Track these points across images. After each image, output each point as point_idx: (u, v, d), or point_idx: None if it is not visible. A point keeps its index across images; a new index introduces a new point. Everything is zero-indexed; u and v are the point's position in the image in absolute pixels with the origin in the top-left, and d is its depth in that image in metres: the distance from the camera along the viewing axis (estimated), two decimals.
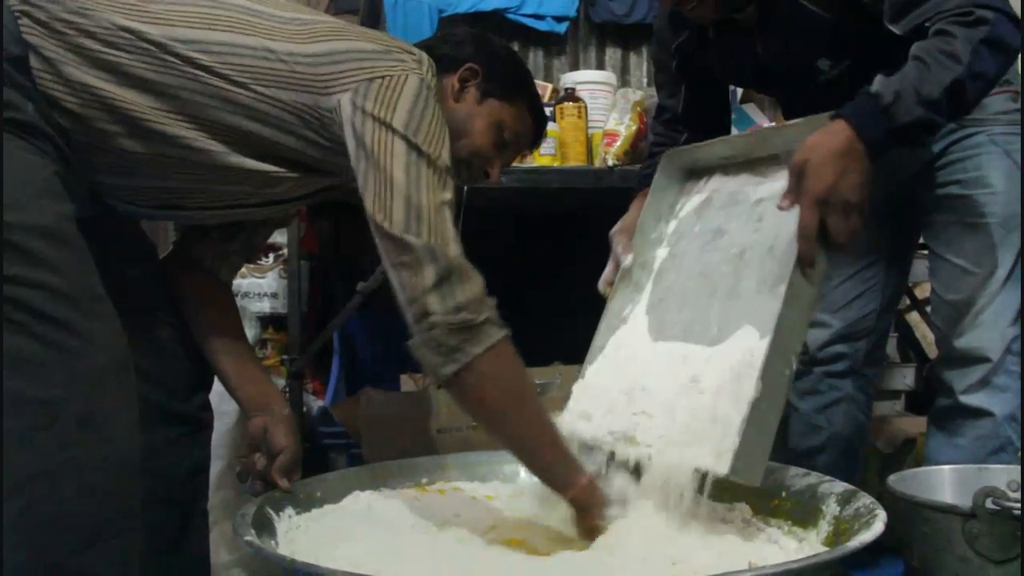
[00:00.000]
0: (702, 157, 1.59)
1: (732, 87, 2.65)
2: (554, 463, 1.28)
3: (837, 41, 1.56)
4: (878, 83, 1.31)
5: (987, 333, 1.65)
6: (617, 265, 1.60)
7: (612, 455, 1.35)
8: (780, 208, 1.30)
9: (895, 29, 1.41)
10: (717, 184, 1.57)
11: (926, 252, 1.79)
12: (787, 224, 1.33)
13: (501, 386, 1.23)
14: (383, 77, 1.25)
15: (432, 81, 1.31)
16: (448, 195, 1.24)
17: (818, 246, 1.27)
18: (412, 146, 1.22)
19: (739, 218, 1.47)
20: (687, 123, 1.80)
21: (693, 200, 1.60)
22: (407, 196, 1.20)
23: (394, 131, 1.22)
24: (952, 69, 1.30)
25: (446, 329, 1.18)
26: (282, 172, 1.32)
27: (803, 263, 1.26)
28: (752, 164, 1.51)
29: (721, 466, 1.18)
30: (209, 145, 1.27)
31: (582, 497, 1.27)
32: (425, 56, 1.34)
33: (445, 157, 1.25)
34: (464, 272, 1.20)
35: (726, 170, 1.56)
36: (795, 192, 1.28)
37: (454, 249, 1.21)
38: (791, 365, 1.26)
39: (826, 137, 1.28)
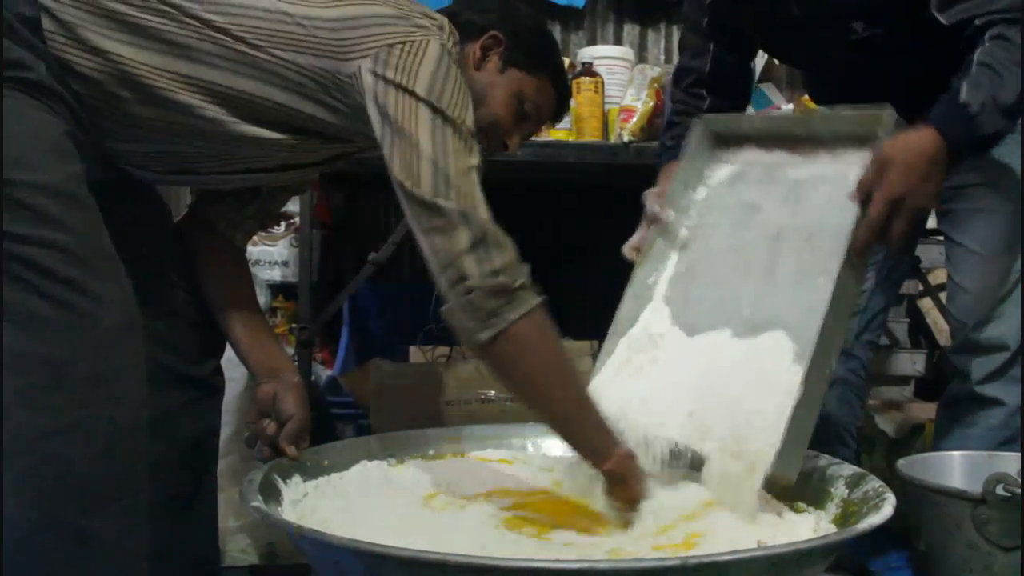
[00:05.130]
0: (739, 126, 1.57)
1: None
2: (591, 433, 1.25)
3: (876, 7, 1.55)
4: (964, 93, 1.33)
5: (1008, 322, 1.64)
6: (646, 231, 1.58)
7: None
8: (851, 200, 1.29)
9: (941, 18, 1.43)
10: (750, 156, 1.54)
11: (939, 239, 1.78)
12: (830, 213, 1.32)
13: (537, 353, 1.19)
14: (403, 43, 1.23)
15: (453, 48, 1.28)
16: (474, 160, 1.21)
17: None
18: (437, 111, 1.20)
19: (775, 196, 1.45)
20: (711, 86, 1.77)
21: (724, 170, 1.57)
22: (434, 161, 1.17)
23: (417, 97, 1.20)
24: (1020, 78, 1.34)
25: (484, 293, 1.14)
26: (293, 140, 1.31)
27: (857, 253, 1.26)
28: (791, 141, 1.48)
29: (760, 471, 1.18)
30: (219, 114, 1.26)
31: (620, 469, 1.24)
32: (446, 22, 1.31)
33: (469, 122, 1.23)
34: (498, 237, 1.17)
35: (761, 143, 1.53)
36: (870, 186, 1.28)
37: (485, 214, 1.18)
38: (831, 365, 1.26)
39: (916, 139, 1.30)
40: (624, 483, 1.25)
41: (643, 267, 1.55)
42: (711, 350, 1.38)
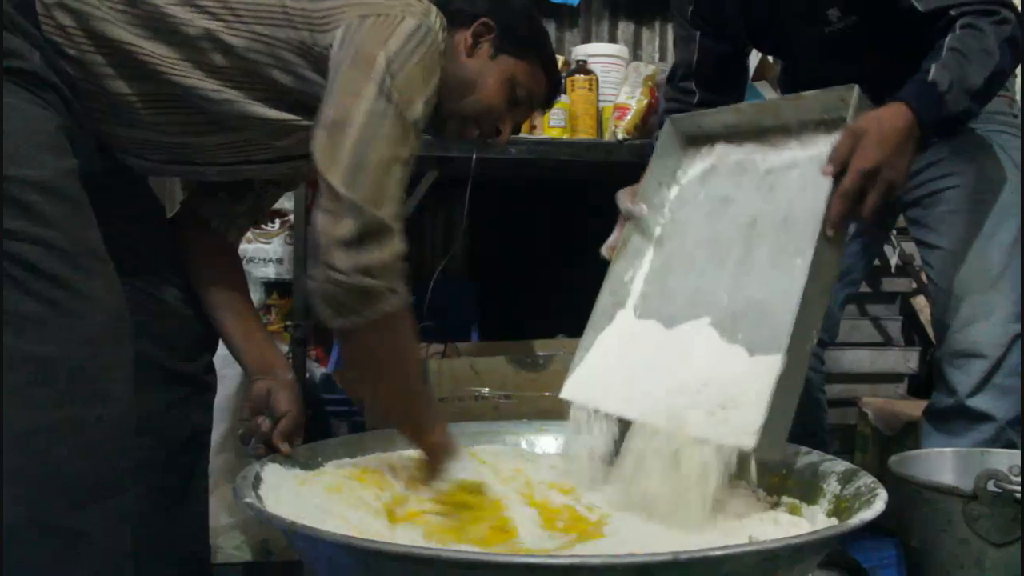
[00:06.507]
0: (707, 124, 1.57)
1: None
2: (415, 428, 1.33)
3: None
4: (933, 72, 1.37)
5: (985, 327, 1.64)
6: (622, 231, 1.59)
7: (622, 424, 1.35)
8: (824, 174, 1.31)
9: (918, 6, 1.46)
10: (721, 152, 1.55)
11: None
12: (803, 197, 1.33)
13: (382, 353, 1.23)
14: (378, 15, 1.22)
15: (440, 32, 1.27)
16: (404, 152, 1.20)
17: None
18: (383, 92, 1.18)
19: (748, 187, 1.46)
20: (699, 78, 1.78)
21: (696, 167, 1.58)
22: (357, 144, 1.16)
23: (372, 70, 1.18)
24: (988, 64, 1.39)
25: (345, 288, 1.15)
26: (289, 119, 1.30)
27: (832, 225, 1.27)
28: (759, 133, 1.49)
29: (747, 441, 1.18)
30: (210, 92, 1.26)
31: (433, 446, 1.33)
32: (434, 8, 1.30)
33: (416, 110, 1.21)
34: (384, 234, 1.16)
35: (730, 138, 1.54)
36: (844, 158, 1.29)
37: (387, 210, 1.16)
38: (812, 340, 1.26)
39: (887, 114, 1.33)
40: (436, 457, 1.33)
41: (619, 263, 1.56)
42: (689, 340, 1.38)
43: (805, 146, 1.41)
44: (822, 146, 1.35)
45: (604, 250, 1.59)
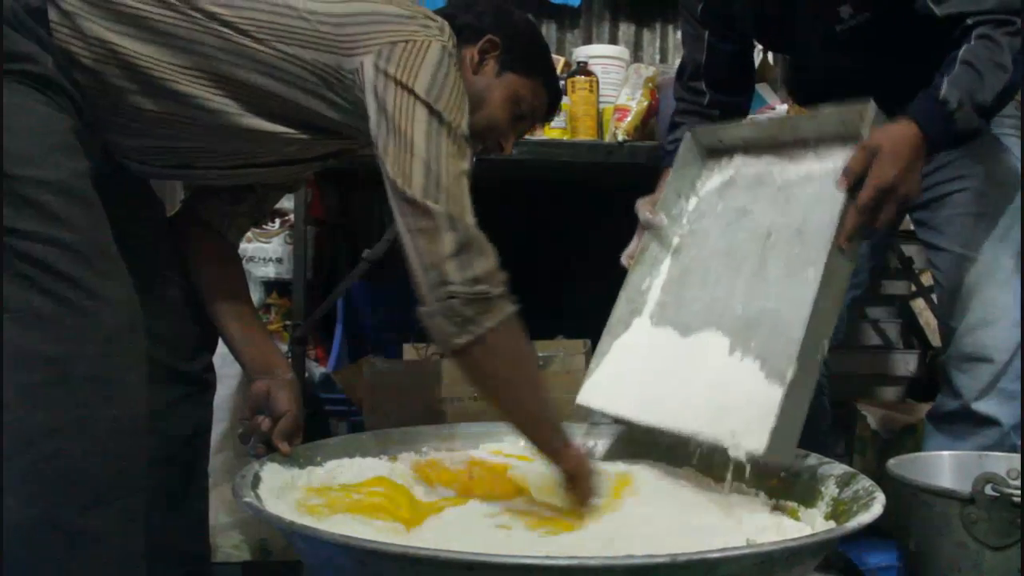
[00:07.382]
0: (726, 137, 1.59)
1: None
2: (551, 436, 1.29)
3: None
4: (945, 89, 1.37)
5: (993, 331, 1.64)
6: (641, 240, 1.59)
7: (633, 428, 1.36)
8: (839, 187, 1.32)
9: (935, 9, 1.45)
10: (740, 164, 1.56)
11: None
12: (817, 209, 1.35)
13: (508, 360, 1.23)
14: (406, 41, 1.24)
15: (453, 50, 1.30)
16: (466, 165, 1.23)
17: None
18: (433, 113, 1.21)
19: (764, 199, 1.47)
20: (708, 78, 1.78)
21: (715, 179, 1.59)
22: (427, 162, 1.19)
23: (416, 96, 1.21)
24: (1002, 79, 1.39)
25: (464, 299, 1.17)
26: (296, 134, 1.31)
27: (846, 236, 1.29)
28: (777, 146, 1.51)
29: (757, 446, 1.19)
30: (224, 105, 1.26)
31: (574, 467, 1.29)
32: (446, 24, 1.33)
33: (464, 126, 1.24)
34: (481, 244, 1.19)
35: (748, 151, 1.56)
36: (858, 173, 1.31)
37: (471, 219, 1.20)
38: (823, 349, 1.27)
39: (900, 131, 1.35)
40: (580, 481, 1.29)
41: (637, 271, 1.57)
42: (704, 349, 1.39)
43: (822, 159, 1.42)
44: (838, 159, 1.37)
45: (623, 259, 1.60)
